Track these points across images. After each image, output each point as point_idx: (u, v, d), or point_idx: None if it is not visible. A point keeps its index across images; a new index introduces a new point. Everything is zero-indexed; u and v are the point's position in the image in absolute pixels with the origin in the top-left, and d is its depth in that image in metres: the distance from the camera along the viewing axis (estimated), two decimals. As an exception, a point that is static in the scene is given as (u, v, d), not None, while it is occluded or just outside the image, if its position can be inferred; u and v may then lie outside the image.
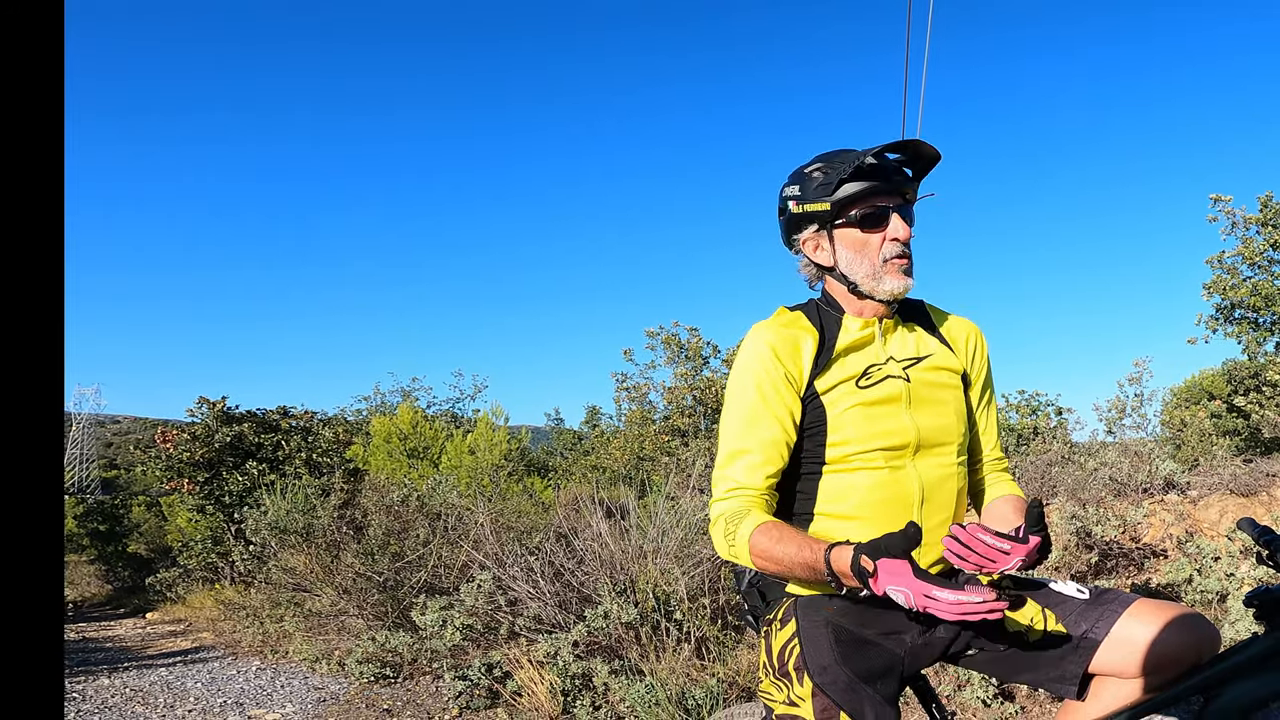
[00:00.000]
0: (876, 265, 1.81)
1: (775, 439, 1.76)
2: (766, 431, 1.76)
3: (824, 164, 1.84)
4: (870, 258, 1.81)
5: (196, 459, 12.46)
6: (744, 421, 1.78)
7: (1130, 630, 1.66)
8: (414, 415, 12.08)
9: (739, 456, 1.77)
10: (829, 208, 1.82)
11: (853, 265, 1.83)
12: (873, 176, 1.79)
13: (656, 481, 8.25)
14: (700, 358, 13.33)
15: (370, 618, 6.81)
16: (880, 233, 1.81)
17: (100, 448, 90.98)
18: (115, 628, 11.43)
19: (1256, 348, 10.69)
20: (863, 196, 1.79)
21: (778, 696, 1.75)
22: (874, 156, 1.79)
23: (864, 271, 1.82)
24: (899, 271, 1.81)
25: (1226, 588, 4.26)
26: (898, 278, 1.81)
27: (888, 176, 1.80)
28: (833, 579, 1.59)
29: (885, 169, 1.81)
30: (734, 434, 1.79)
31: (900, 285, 1.81)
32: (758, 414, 1.77)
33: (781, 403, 1.77)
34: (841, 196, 1.80)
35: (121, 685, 6.44)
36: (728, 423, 1.82)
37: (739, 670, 4.43)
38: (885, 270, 1.81)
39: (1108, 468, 6.24)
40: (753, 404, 1.78)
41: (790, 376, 1.77)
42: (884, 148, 1.80)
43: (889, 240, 1.80)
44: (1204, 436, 9.55)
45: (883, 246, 1.81)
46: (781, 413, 1.77)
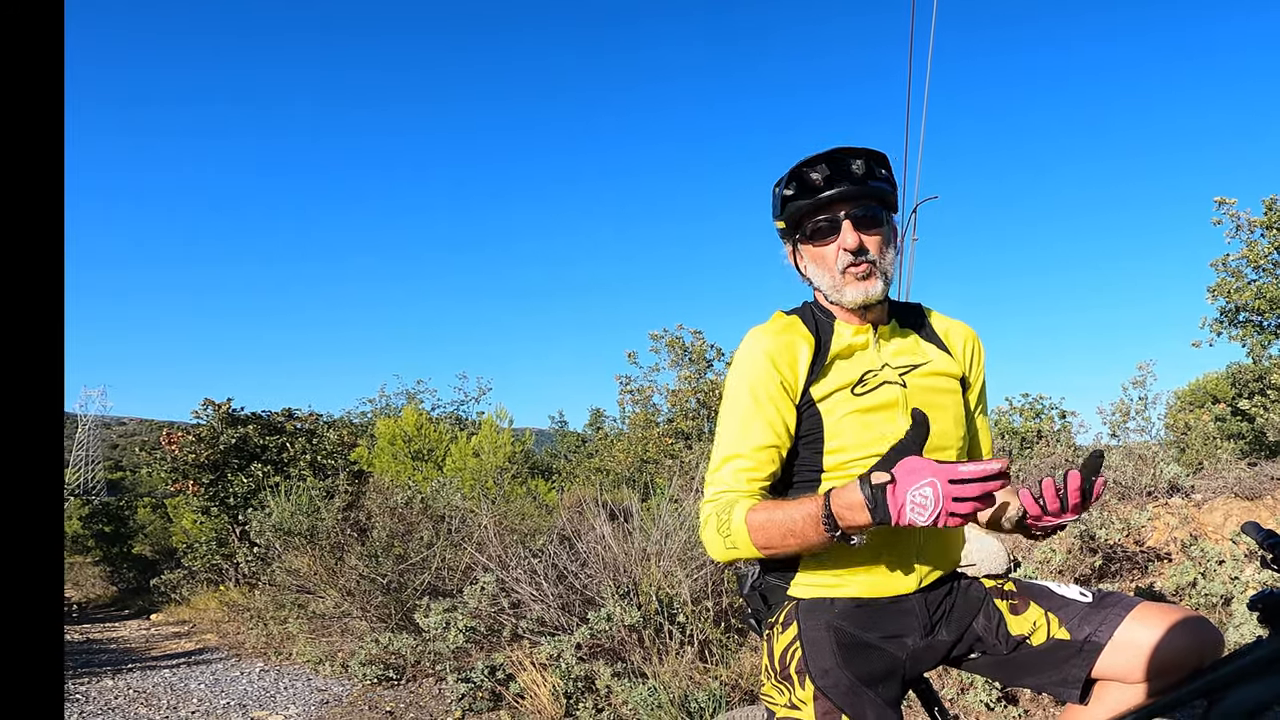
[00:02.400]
0: (836, 277, 1.79)
1: (768, 444, 1.74)
2: (759, 436, 1.74)
3: (784, 178, 1.82)
4: (829, 269, 1.80)
5: (202, 461, 12.50)
6: (737, 426, 1.76)
7: (1134, 634, 1.65)
8: (419, 417, 12.08)
9: (730, 460, 1.76)
10: (785, 225, 1.85)
11: (818, 278, 1.83)
12: (817, 189, 1.75)
13: (660, 484, 8.25)
14: (704, 360, 13.33)
15: (374, 620, 6.81)
16: (832, 243, 1.79)
17: (106, 449, 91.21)
18: (120, 629, 11.45)
19: (1261, 351, 10.67)
20: (807, 212, 1.78)
21: (779, 700, 1.75)
22: (813, 168, 1.76)
23: (827, 283, 1.81)
24: (855, 279, 1.78)
25: (1231, 591, 4.25)
26: (855, 286, 1.78)
27: (830, 185, 1.75)
28: (830, 524, 1.53)
29: (833, 176, 1.76)
30: (727, 438, 1.78)
31: (859, 293, 1.78)
32: (751, 419, 1.75)
33: (775, 408, 1.75)
34: (788, 215, 1.81)
35: (125, 686, 6.45)
36: (722, 427, 1.81)
37: (742, 673, 4.43)
38: (844, 281, 1.79)
39: (1112, 471, 6.23)
40: (746, 409, 1.76)
41: (786, 383, 1.76)
42: (809, 160, 1.77)
43: (841, 250, 1.78)
44: (1208, 440, 9.53)
45: (837, 257, 1.78)
46: (774, 418, 1.75)
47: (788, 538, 1.60)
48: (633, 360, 13.85)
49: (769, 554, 1.65)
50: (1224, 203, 10.64)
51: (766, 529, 1.61)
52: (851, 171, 1.76)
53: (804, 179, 1.77)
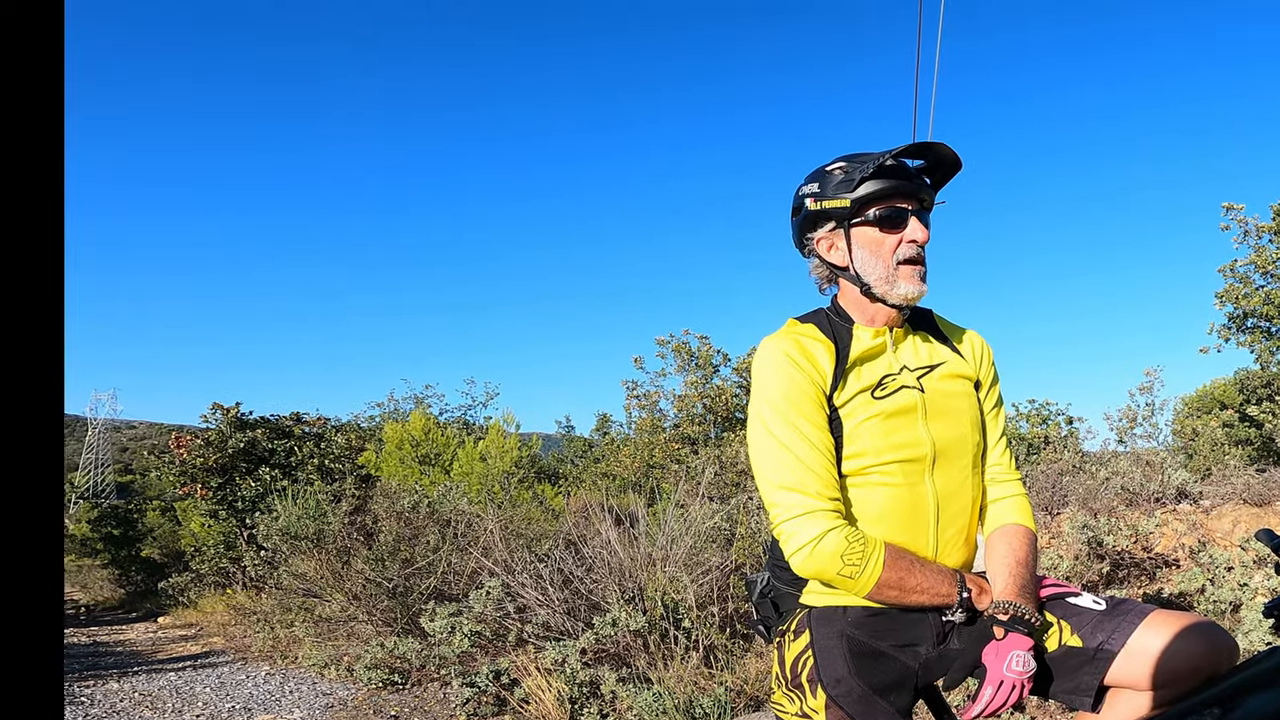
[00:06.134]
0: (891, 267, 1.78)
1: (826, 445, 1.72)
2: (816, 439, 1.71)
3: (845, 162, 1.82)
4: (885, 259, 1.78)
5: (210, 464, 12.53)
6: (789, 437, 1.71)
7: (1147, 641, 1.64)
8: (426, 422, 12.07)
9: (797, 471, 1.70)
10: (849, 204, 1.78)
11: (867, 266, 1.80)
12: (894, 176, 1.77)
13: (666, 489, 8.24)
14: (710, 366, 13.32)
15: (379, 623, 6.81)
16: (897, 234, 1.78)
17: (115, 453, 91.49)
18: (127, 631, 11.47)
19: (1269, 357, 10.63)
20: (883, 196, 1.77)
21: (790, 708, 1.74)
22: (895, 158, 1.78)
23: (878, 274, 1.79)
24: (914, 277, 1.78)
25: (1240, 598, 4.22)
26: (912, 282, 1.78)
27: (909, 179, 1.79)
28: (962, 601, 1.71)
29: (906, 171, 1.80)
30: (783, 451, 1.71)
31: (914, 290, 1.78)
32: (799, 427, 1.71)
33: (817, 410, 1.73)
34: (862, 194, 1.77)
35: (131, 689, 6.45)
36: (770, 443, 1.73)
37: (747, 679, 4.42)
38: (899, 274, 1.78)
39: (1119, 477, 6.21)
40: (790, 418, 1.72)
41: (816, 386, 1.74)
42: (906, 149, 1.79)
43: (905, 242, 1.78)
44: (1216, 446, 9.50)
45: (898, 248, 1.78)
46: (821, 420, 1.73)
47: (902, 599, 1.71)
48: (639, 365, 13.85)
49: (877, 596, 1.70)
50: (1232, 208, 10.62)
51: (897, 586, 1.69)
52: (939, 170, 1.84)
53: (884, 166, 1.77)
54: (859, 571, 1.64)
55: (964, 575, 1.72)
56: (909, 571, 1.67)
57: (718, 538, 5.58)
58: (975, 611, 1.70)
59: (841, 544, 1.64)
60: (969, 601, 1.68)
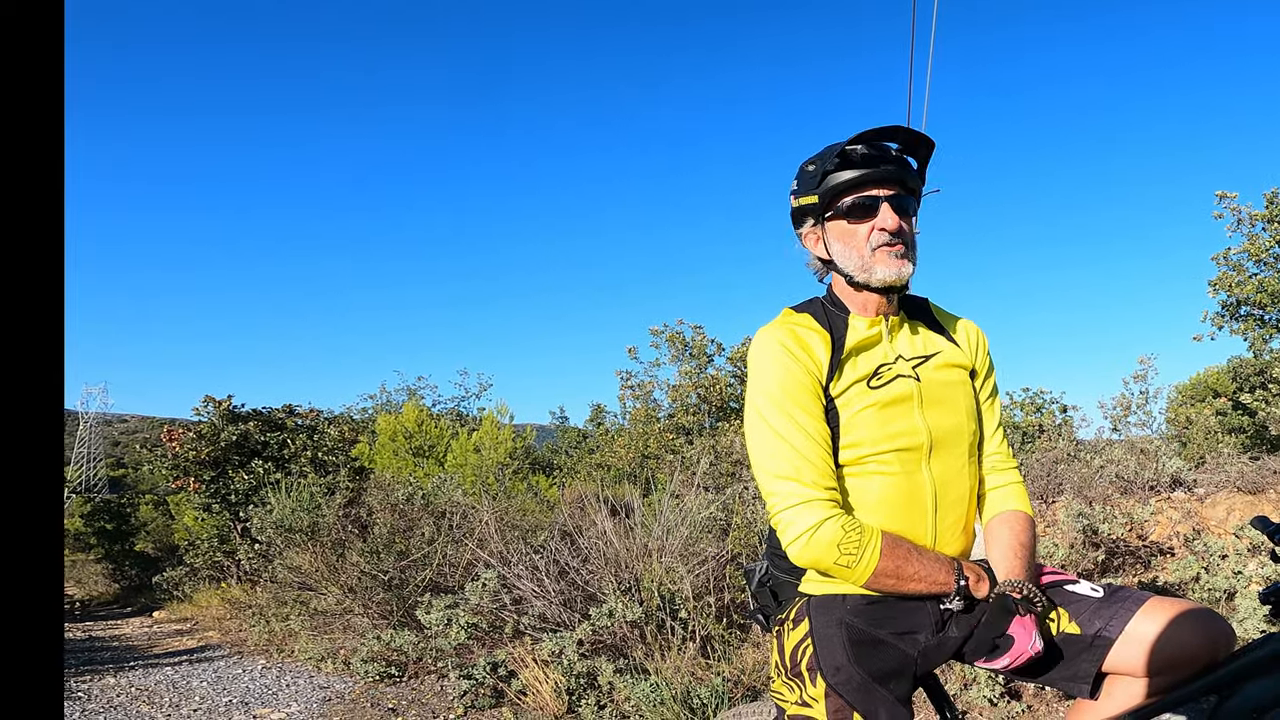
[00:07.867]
0: (865, 255, 1.78)
1: (822, 435, 1.72)
2: (813, 429, 1.72)
3: (817, 156, 1.82)
4: (859, 249, 1.78)
5: (203, 458, 12.49)
6: (785, 427, 1.72)
7: (1144, 628, 1.64)
8: (419, 413, 12.06)
9: (794, 461, 1.70)
10: (816, 200, 1.80)
11: (843, 257, 1.80)
12: (863, 165, 1.76)
13: (661, 479, 8.24)
14: (704, 355, 13.31)
15: (375, 616, 6.81)
16: (869, 222, 1.78)
17: (107, 446, 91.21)
18: (122, 626, 11.45)
19: (1262, 344, 10.66)
20: (851, 186, 1.77)
21: (790, 697, 1.74)
22: (861, 145, 1.77)
23: (855, 263, 1.79)
24: (890, 258, 1.77)
25: (1234, 585, 4.24)
26: (889, 264, 1.77)
27: (876, 165, 1.76)
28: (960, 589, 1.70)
29: (874, 157, 1.77)
30: (779, 442, 1.71)
31: (892, 272, 1.77)
32: (795, 417, 1.72)
33: (813, 400, 1.73)
34: (827, 188, 1.78)
35: (127, 684, 6.44)
36: (766, 433, 1.73)
37: (744, 669, 4.42)
38: (875, 259, 1.77)
39: (1114, 465, 6.23)
40: (787, 409, 1.72)
41: (812, 376, 1.75)
42: (863, 135, 1.77)
43: (876, 230, 1.77)
44: (1210, 434, 9.54)
45: (871, 236, 1.77)
46: (817, 410, 1.73)
47: (900, 587, 1.70)
48: (633, 356, 13.84)
49: (874, 584, 1.69)
50: (1225, 196, 10.63)
51: (895, 575, 1.69)
52: (894, 156, 1.80)
53: (850, 155, 1.76)
54: (856, 560, 1.65)
55: (961, 563, 1.72)
56: (906, 560, 1.67)
57: (713, 528, 5.58)
58: (973, 599, 1.70)
59: (838, 533, 1.65)
60: (966, 589, 1.68)
